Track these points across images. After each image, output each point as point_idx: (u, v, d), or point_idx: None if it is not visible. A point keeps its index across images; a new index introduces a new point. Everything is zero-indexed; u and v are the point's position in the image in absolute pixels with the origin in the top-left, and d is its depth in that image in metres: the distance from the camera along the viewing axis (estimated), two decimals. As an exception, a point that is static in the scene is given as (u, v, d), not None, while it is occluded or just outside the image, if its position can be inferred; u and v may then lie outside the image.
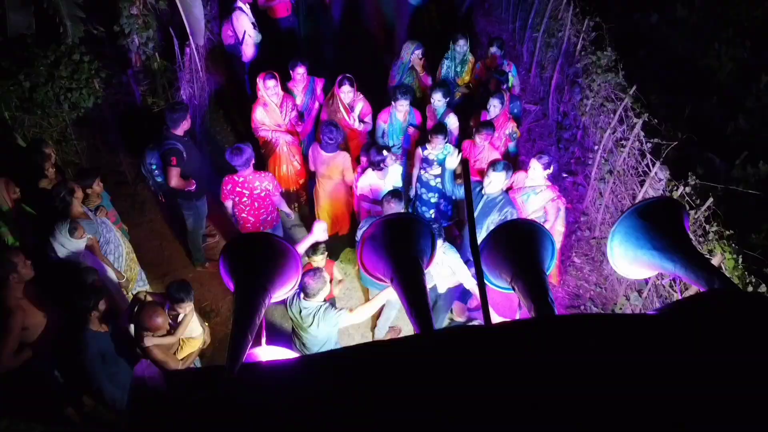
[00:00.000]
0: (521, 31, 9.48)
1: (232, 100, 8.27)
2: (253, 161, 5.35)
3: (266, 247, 1.62)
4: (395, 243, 1.64)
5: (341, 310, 4.28)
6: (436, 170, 5.87)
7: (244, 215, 5.59)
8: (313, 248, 4.79)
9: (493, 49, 6.74)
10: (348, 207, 6.03)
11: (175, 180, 5.27)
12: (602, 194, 6.42)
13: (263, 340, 2.25)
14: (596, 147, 6.58)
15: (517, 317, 1.70)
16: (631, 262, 1.64)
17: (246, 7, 7.67)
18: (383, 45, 9.52)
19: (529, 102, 8.56)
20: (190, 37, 6.05)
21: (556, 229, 5.84)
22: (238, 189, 5.40)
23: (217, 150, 7.65)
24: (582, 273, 6.35)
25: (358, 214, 6.07)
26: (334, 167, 5.69)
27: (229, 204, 5.53)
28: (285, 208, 5.86)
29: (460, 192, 5.58)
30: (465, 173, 1.46)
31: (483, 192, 5.06)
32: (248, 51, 7.93)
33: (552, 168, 5.55)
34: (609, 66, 6.56)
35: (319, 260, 4.89)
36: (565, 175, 7.42)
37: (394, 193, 4.90)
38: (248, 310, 1.42)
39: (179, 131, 5.31)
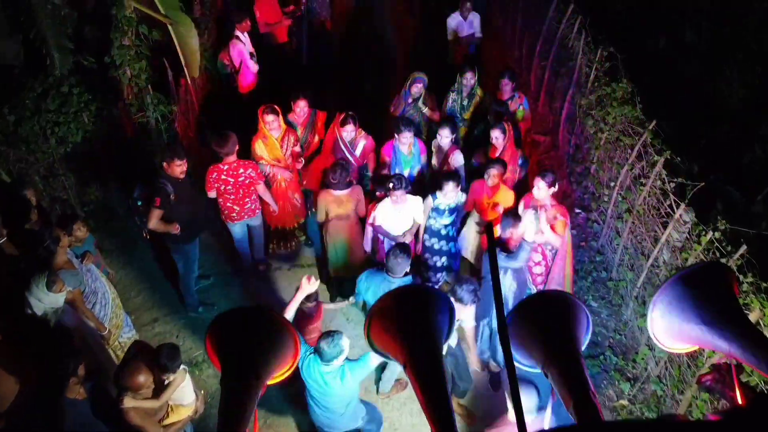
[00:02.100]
0: (528, 58, 9.21)
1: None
2: (237, 148, 5.44)
3: (258, 325, 1.45)
4: (408, 323, 1.44)
5: (366, 355, 3.94)
6: (447, 219, 5.52)
7: (228, 204, 5.64)
8: (308, 298, 4.58)
9: (504, 81, 6.43)
10: (360, 245, 5.67)
11: (154, 222, 4.96)
12: (620, 234, 6.07)
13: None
14: (612, 183, 6.25)
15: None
16: (676, 338, 1.48)
17: (243, 36, 7.39)
18: (389, 69, 9.26)
19: (538, 132, 8.25)
20: (185, 70, 5.74)
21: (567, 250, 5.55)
22: (223, 177, 5.44)
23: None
24: (599, 318, 5.96)
25: (371, 253, 5.72)
26: (347, 203, 5.37)
27: (212, 194, 5.58)
28: (269, 198, 5.76)
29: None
30: (489, 239, 1.32)
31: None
32: (246, 80, 7.64)
33: (557, 186, 5.27)
34: (625, 98, 6.24)
35: (312, 306, 4.86)
36: (578, 210, 7.07)
37: (402, 247, 4.51)
38: (238, 403, 1.29)
39: (175, 171, 4.98)
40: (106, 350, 4.60)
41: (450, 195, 5.30)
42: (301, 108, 6.05)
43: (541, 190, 5.08)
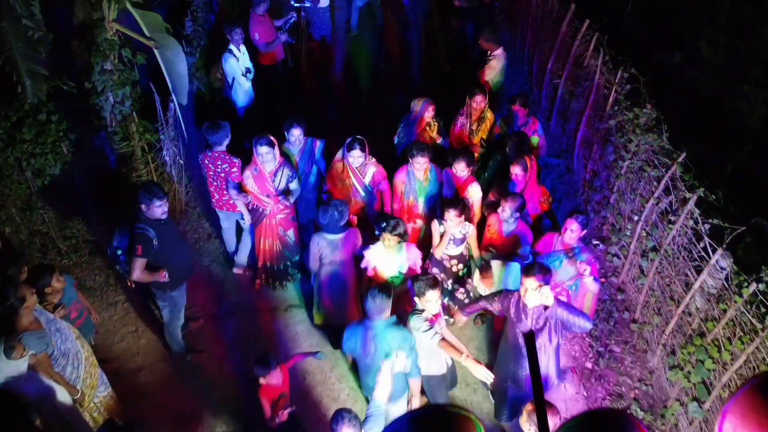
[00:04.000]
0: (539, 75, 8.74)
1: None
2: (226, 141, 5.52)
3: None
4: None
5: None
6: (453, 250, 5.04)
7: (211, 189, 5.76)
8: (266, 362, 4.26)
9: (516, 107, 5.96)
10: (355, 294, 5.18)
11: (137, 273, 4.50)
12: (644, 272, 5.58)
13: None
14: (636, 217, 5.76)
15: None
16: None
17: (238, 51, 6.95)
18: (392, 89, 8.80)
19: (550, 154, 7.77)
20: (173, 96, 5.28)
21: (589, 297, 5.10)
22: (206, 162, 5.57)
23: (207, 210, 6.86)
24: (623, 366, 5.47)
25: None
26: (342, 249, 4.87)
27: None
28: (240, 205, 5.62)
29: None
30: (530, 350, 1.32)
31: (526, 307, 4.16)
32: (239, 98, 7.21)
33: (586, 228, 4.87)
34: (649, 125, 5.76)
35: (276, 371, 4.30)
36: (596, 242, 6.58)
37: (381, 288, 4.05)
38: None
39: (155, 213, 4.51)
40: (79, 415, 4.12)
41: (452, 223, 4.81)
42: (296, 137, 5.59)
43: (575, 232, 4.63)
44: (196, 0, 7.70)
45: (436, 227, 5.10)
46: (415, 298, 4.21)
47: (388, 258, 4.84)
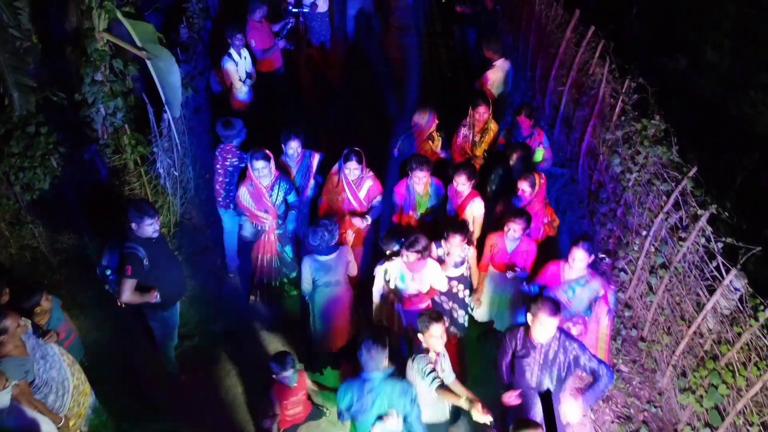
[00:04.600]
0: (542, 81, 8.57)
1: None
2: (239, 139, 5.58)
3: None
4: None
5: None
6: (453, 272, 4.86)
7: (217, 187, 5.69)
8: (282, 363, 4.31)
9: (521, 118, 5.78)
10: (350, 316, 5.00)
11: (127, 294, 4.32)
12: (653, 290, 5.40)
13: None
14: (644, 232, 5.58)
15: None
16: None
17: (238, 56, 6.78)
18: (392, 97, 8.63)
19: (555, 164, 7.58)
20: (166, 108, 5.10)
21: (603, 332, 4.87)
22: (216, 154, 5.62)
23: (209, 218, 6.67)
24: (631, 387, 5.30)
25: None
26: (335, 269, 4.68)
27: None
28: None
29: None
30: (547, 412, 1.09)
31: (534, 341, 3.95)
32: (235, 103, 7.04)
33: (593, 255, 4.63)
34: (658, 137, 5.59)
35: (290, 374, 4.36)
36: (602, 256, 6.41)
37: (376, 338, 3.67)
38: None
39: (146, 231, 4.33)
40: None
41: (455, 249, 4.65)
42: (294, 149, 5.41)
43: (582, 261, 4.41)
44: (191, 6, 7.53)
45: (433, 252, 4.88)
46: (419, 335, 3.94)
47: (411, 280, 4.64)
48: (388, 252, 4.91)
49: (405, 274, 4.62)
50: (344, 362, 5.25)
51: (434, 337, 3.84)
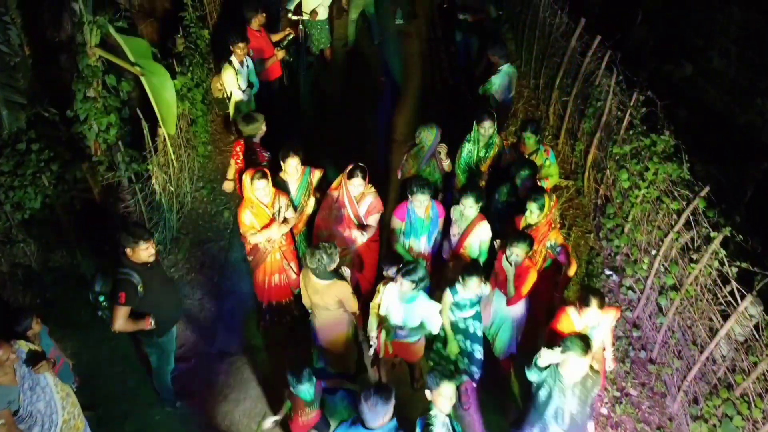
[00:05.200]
0: (546, 90, 8.40)
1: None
2: (260, 132, 5.71)
3: None
4: None
5: None
6: (469, 312, 4.71)
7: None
8: (298, 376, 4.19)
9: (527, 135, 5.61)
10: (350, 342, 4.84)
11: (120, 322, 4.15)
12: (663, 311, 5.24)
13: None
14: (653, 251, 5.43)
15: None
16: None
17: (238, 64, 6.58)
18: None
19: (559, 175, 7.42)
20: (161, 124, 4.94)
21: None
22: (237, 149, 5.71)
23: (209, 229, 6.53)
24: (640, 411, 5.14)
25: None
26: (329, 298, 4.50)
27: None
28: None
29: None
30: None
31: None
32: (231, 112, 6.86)
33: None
34: (668, 153, 5.43)
35: (306, 388, 4.24)
36: (609, 272, 6.26)
37: (381, 391, 3.31)
38: None
39: (141, 256, 4.17)
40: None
41: (471, 292, 4.49)
42: (293, 166, 5.24)
43: (597, 314, 4.20)
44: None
45: (448, 298, 4.68)
46: (426, 392, 3.59)
47: (404, 308, 4.47)
48: (385, 274, 4.77)
49: (394, 302, 4.46)
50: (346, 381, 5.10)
51: (443, 396, 3.47)
